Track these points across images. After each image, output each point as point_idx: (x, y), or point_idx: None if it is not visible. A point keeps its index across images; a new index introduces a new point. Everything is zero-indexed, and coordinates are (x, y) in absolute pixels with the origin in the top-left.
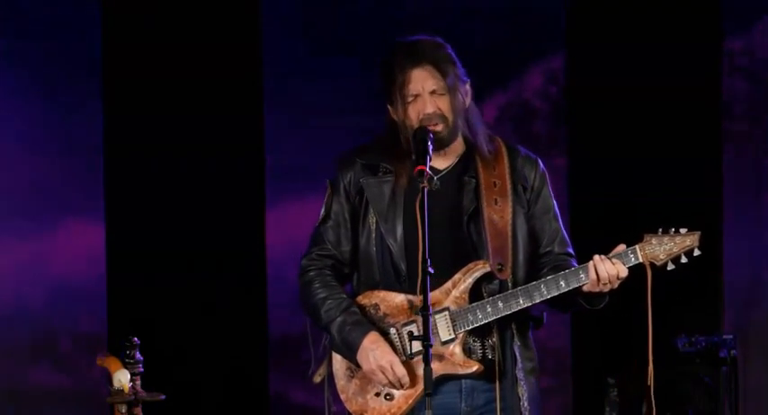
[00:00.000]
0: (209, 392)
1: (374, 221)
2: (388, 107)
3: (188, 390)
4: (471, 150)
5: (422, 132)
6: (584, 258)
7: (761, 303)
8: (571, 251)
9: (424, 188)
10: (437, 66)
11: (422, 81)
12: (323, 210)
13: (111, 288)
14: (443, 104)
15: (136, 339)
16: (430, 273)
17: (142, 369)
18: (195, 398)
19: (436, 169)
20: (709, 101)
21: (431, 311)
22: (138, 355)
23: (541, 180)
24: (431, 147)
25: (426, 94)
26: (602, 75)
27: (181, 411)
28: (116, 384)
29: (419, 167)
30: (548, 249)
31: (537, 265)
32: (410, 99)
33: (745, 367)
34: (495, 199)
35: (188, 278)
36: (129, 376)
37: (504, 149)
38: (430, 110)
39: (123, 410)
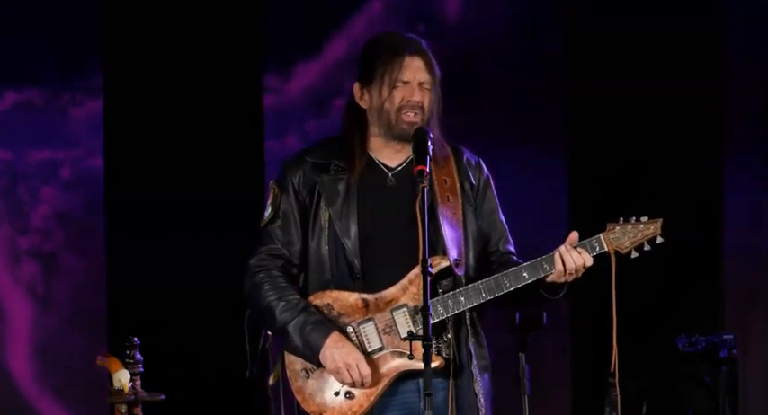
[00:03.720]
0: (209, 392)
1: (327, 218)
2: (357, 91)
3: (188, 390)
4: None
5: (422, 132)
6: None
7: (761, 303)
8: (513, 249)
9: (424, 188)
10: (428, 61)
11: (415, 70)
12: (269, 211)
13: (111, 288)
14: (426, 98)
15: (136, 339)
16: (430, 273)
17: (142, 369)
18: (195, 398)
19: (389, 166)
20: (711, 101)
21: (428, 309)
22: (138, 355)
23: (486, 180)
24: (430, 148)
25: (416, 84)
26: (603, 74)
27: (181, 411)
28: (116, 384)
29: (419, 167)
30: (495, 247)
31: (485, 262)
32: (399, 84)
33: (745, 367)
34: (448, 196)
35: (188, 278)
36: (129, 376)
37: (449, 150)
38: (417, 97)
39: (123, 410)
